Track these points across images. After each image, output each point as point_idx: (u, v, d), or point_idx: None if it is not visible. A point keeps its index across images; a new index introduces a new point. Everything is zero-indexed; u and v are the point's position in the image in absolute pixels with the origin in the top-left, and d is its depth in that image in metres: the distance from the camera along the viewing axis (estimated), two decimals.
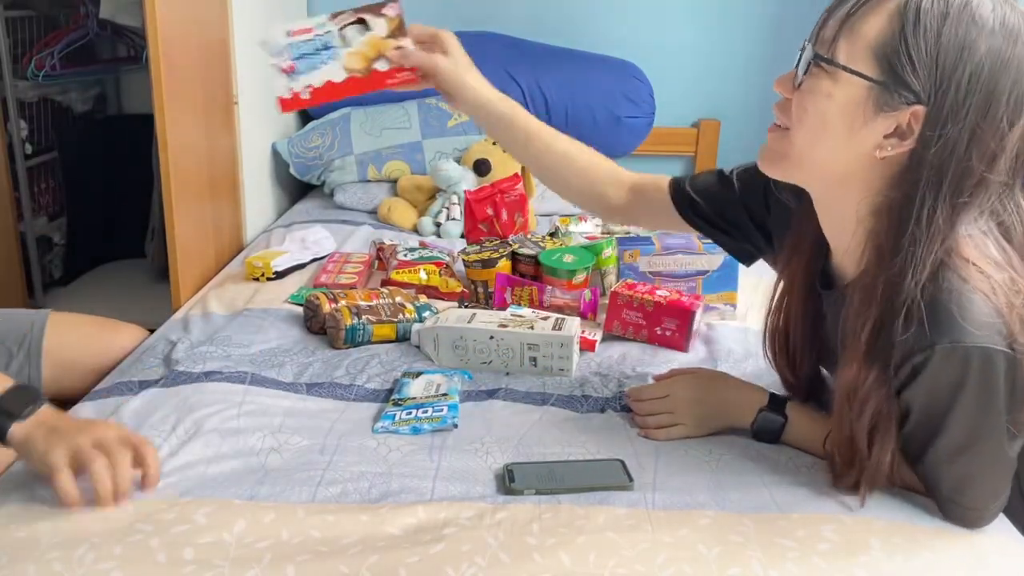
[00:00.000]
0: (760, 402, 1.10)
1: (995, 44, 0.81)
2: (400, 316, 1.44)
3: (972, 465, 0.92)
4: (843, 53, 0.86)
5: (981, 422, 0.89)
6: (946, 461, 0.93)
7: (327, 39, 1.00)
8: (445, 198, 2.16)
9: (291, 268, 1.78)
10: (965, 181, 0.84)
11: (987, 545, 0.93)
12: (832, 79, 0.87)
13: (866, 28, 0.84)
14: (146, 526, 0.90)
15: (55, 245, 2.96)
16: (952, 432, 0.90)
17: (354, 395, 1.24)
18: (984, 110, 0.82)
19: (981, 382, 0.86)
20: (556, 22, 2.76)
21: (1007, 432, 0.90)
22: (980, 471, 0.93)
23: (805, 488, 1.00)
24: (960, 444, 0.91)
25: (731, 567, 0.86)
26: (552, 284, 1.54)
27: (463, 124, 2.40)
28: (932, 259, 0.86)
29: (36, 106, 2.80)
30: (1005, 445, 0.91)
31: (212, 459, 1.05)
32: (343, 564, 0.85)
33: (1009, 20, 0.82)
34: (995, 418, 0.88)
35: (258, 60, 2.21)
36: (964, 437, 0.90)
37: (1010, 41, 0.81)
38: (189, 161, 1.75)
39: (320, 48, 1.00)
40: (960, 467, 0.93)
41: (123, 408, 1.16)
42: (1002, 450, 0.91)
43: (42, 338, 1.33)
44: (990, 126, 0.82)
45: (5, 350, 1.31)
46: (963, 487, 0.94)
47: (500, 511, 0.95)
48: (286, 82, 0.98)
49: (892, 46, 0.83)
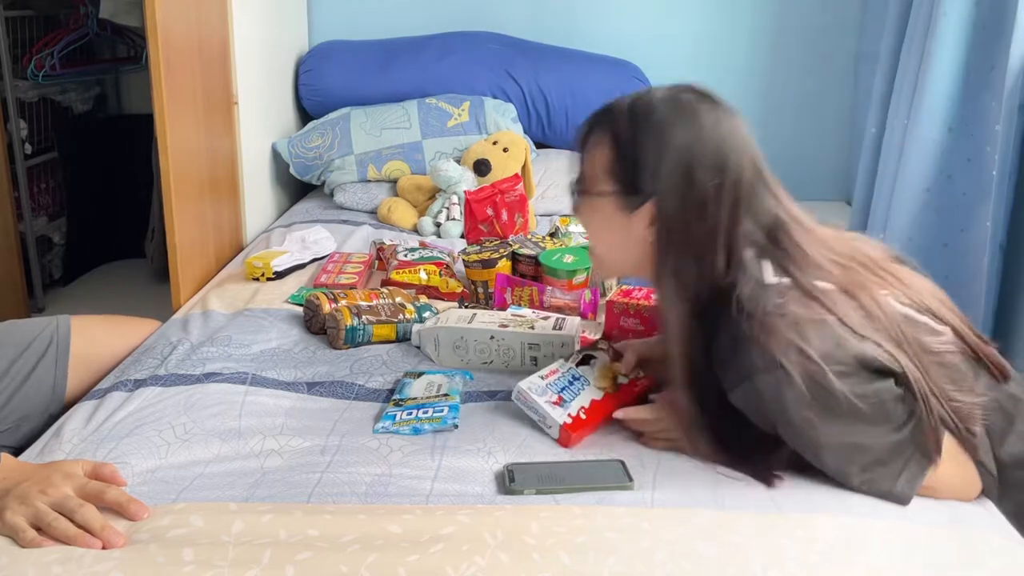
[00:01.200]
0: None
1: (681, 133, 1.01)
2: (400, 316, 1.44)
3: (858, 447, 0.98)
4: (588, 181, 1.09)
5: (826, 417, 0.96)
6: (843, 459, 0.99)
7: (572, 373, 1.20)
8: (445, 198, 2.16)
9: (291, 268, 1.78)
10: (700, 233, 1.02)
11: (985, 545, 0.93)
12: (589, 204, 1.10)
13: (596, 159, 1.08)
14: (145, 527, 0.91)
15: (55, 245, 2.96)
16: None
17: (355, 395, 1.24)
18: (691, 180, 1.00)
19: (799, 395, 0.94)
20: (555, 22, 2.76)
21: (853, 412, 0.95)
22: (866, 449, 0.98)
23: (804, 488, 1.00)
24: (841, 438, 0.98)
25: (730, 567, 0.86)
26: (552, 284, 1.55)
27: (463, 124, 2.40)
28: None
29: (36, 106, 2.80)
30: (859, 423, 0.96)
31: (212, 459, 1.05)
32: (343, 564, 0.85)
33: (682, 101, 1.04)
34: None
35: (258, 60, 2.22)
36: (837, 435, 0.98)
37: (689, 122, 1.02)
38: (189, 161, 1.75)
39: (571, 380, 1.19)
40: (853, 456, 0.98)
41: (123, 408, 1.16)
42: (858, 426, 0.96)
43: (68, 340, 1.33)
44: (702, 188, 1.00)
45: (32, 353, 1.31)
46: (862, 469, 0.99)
47: (499, 511, 0.95)
48: (561, 411, 1.13)
49: (614, 165, 1.05)
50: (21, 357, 1.29)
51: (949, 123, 2.02)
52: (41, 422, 1.27)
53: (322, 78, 2.57)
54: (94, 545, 0.87)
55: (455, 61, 2.56)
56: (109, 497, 0.92)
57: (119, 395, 1.21)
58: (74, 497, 0.91)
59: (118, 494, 0.93)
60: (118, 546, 0.87)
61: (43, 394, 1.29)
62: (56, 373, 1.30)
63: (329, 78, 2.57)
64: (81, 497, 0.91)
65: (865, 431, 0.97)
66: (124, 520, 0.92)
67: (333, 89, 2.56)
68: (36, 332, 1.33)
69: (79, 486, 0.93)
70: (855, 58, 2.71)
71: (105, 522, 0.89)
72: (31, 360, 1.30)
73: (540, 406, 1.13)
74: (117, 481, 0.96)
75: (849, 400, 0.94)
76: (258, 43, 2.23)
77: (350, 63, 2.58)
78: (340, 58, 2.60)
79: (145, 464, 1.03)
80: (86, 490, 0.92)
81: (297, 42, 2.68)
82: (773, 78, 2.70)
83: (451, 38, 2.65)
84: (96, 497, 0.92)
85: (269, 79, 2.37)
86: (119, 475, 0.97)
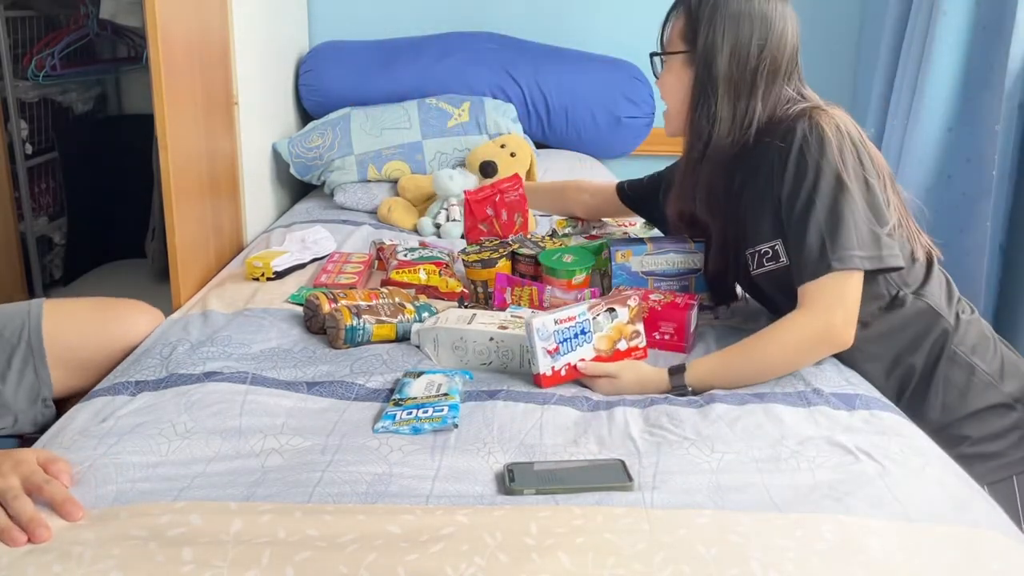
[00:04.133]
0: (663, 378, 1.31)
1: (736, 3, 1.33)
2: (400, 316, 1.44)
3: (839, 213, 1.26)
4: (666, 46, 1.43)
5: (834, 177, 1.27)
6: (822, 219, 1.26)
7: (584, 325, 1.26)
8: (444, 200, 2.16)
9: (291, 268, 1.78)
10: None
11: (985, 545, 0.93)
12: (666, 66, 1.43)
13: (675, 27, 1.41)
14: (144, 526, 0.90)
15: (55, 245, 2.96)
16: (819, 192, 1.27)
17: (355, 395, 1.24)
18: (738, 36, 1.33)
19: (831, 150, 1.27)
20: (555, 22, 2.76)
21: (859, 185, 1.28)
22: (846, 218, 1.25)
23: (804, 488, 1.01)
24: (828, 200, 1.26)
25: (730, 567, 0.86)
26: (552, 284, 1.54)
27: (463, 124, 2.40)
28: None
29: (36, 106, 2.80)
30: (861, 203, 1.27)
31: (212, 458, 1.05)
32: (342, 564, 0.85)
33: None
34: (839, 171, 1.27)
35: (258, 60, 2.22)
36: (829, 193, 1.26)
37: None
38: (189, 161, 1.75)
39: (578, 333, 1.26)
40: (830, 216, 1.25)
41: (123, 409, 1.16)
42: (858, 207, 1.26)
43: (40, 325, 1.32)
44: (746, 44, 1.33)
45: (4, 342, 1.31)
46: (833, 234, 1.25)
47: (499, 511, 0.95)
48: (549, 361, 1.21)
49: (685, 29, 1.38)
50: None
51: (949, 123, 2.02)
52: (37, 409, 1.30)
53: (322, 78, 2.57)
54: (18, 541, 0.86)
55: (455, 61, 2.57)
56: (47, 491, 0.92)
57: (119, 395, 1.21)
58: (14, 488, 0.91)
59: (56, 490, 0.93)
60: (44, 540, 0.87)
61: (27, 384, 1.29)
62: (34, 359, 1.30)
63: (329, 78, 2.57)
64: (24, 486, 0.92)
65: (856, 210, 1.26)
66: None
67: (333, 89, 2.56)
68: (7, 318, 1.33)
69: (26, 475, 0.93)
70: (855, 58, 2.71)
71: (34, 514, 0.89)
72: (5, 351, 1.30)
73: (536, 349, 1.24)
74: (61, 479, 0.96)
75: (865, 175, 1.28)
76: (258, 43, 2.23)
77: (350, 63, 2.58)
78: (340, 58, 2.60)
79: (145, 462, 1.03)
80: (29, 480, 0.93)
81: (297, 42, 2.68)
82: None
83: (451, 38, 2.65)
84: (37, 488, 0.92)
85: (269, 79, 2.37)
86: (65, 475, 0.97)
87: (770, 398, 1.23)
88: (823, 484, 1.01)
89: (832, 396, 1.23)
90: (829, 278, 1.25)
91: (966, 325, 1.38)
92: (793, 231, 1.30)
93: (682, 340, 1.42)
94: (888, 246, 1.28)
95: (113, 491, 0.97)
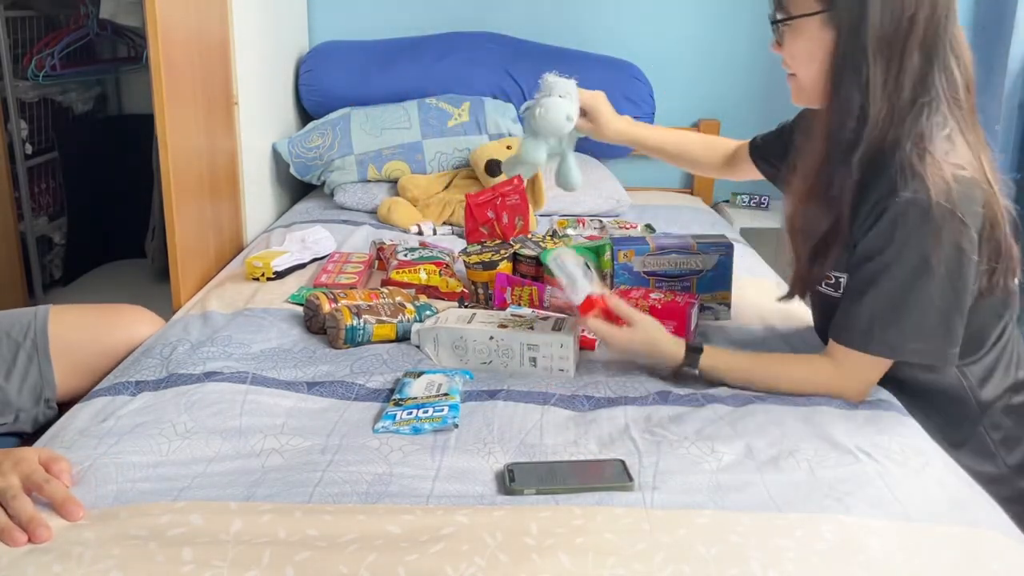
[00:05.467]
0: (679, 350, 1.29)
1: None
2: (400, 316, 1.44)
3: (905, 300, 1.13)
4: (791, 6, 1.19)
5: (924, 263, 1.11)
6: (883, 298, 1.14)
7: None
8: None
9: (291, 268, 1.78)
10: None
11: (985, 545, 0.93)
12: (792, 29, 1.19)
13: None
14: (145, 526, 0.90)
15: (55, 245, 2.96)
16: (900, 267, 1.13)
17: (355, 395, 1.24)
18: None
19: (930, 231, 1.09)
20: (556, 22, 2.76)
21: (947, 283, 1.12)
22: (910, 305, 1.13)
23: (804, 488, 1.01)
24: (903, 279, 1.13)
25: (730, 567, 0.86)
26: (552, 284, 1.54)
27: (463, 124, 2.40)
28: (878, 114, 1.13)
29: (36, 106, 2.80)
30: (940, 292, 1.12)
31: (213, 458, 1.05)
32: (342, 564, 0.85)
33: None
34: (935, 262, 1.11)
35: (258, 60, 2.22)
36: (908, 273, 1.12)
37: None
38: (189, 161, 1.75)
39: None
40: (894, 299, 1.14)
41: (123, 409, 1.16)
42: (935, 296, 1.12)
43: (46, 326, 1.33)
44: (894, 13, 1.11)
45: (11, 342, 1.32)
46: (888, 318, 1.15)
47: (499, 511, 0.95)
48: (588, 285, 1.28)
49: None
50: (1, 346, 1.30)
51: None
52: (40, 409, 1.30)
53: (322, 78, 2.57)
54: (18, 540, 0.86)
55: (455, 61, 2.57)
56: (47, 491, 0.92)
57: (120, 395, 1.21)
58: (14, 487, 0.91)
59: (57, 489, 0.93)
60: (44, 540, 0.87)
61: (31, 382, 1.30)
62: (38, 358, 1.31)
63: (329, 78, 2.57)
64: (24, 485, 0.92)
65: (930, 295, 1.12)
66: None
67: (333, 89, 2.56)
68: (14, 320, 1.34)
69: (26, 474, 0.93)
70: None
71: (34, 514, 0.89)
72: (12, 350, 1.31)
73: (575, 272, 1.27)
74: (62, 479, 0.95)
75: (959, 268, 1.11)
76: (258, 43, 2.23)
77: (350, 63, 2.58)
78: (340, 58, 2.60)
79: (145, 462, 1.03)
80: (30, 479, 0.93)
81: (297, 42, 2.68)
82: (773, 78, 2.70)
83: (451, 38, 2.65)
84: (37, 487, 0.92)
85: (269, 79, 2.37)
86: (66, 475, 0.96)
87: (770, 398, 1.23)
88: (823, 484, 1.01)
89: None
90: (866, 356, 1.19)
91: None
92: (853, 286, 1.19)
93: (683, 338, 1.42)
94: (954, 339, 1.15)
95: (113, 491, 0.97)
